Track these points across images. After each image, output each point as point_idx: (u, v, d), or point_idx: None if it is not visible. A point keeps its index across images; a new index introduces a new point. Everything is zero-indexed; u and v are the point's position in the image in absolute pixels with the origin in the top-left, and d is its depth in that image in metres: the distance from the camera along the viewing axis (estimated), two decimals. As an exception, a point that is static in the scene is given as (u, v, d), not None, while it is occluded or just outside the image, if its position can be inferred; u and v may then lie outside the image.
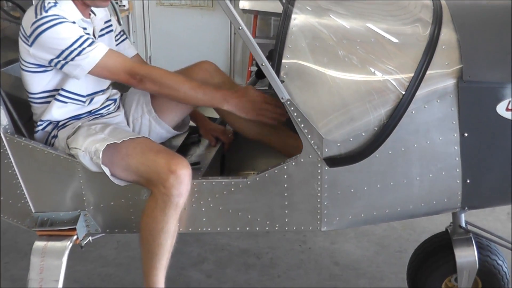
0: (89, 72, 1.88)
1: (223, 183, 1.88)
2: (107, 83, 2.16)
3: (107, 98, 2.17)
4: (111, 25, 2.26)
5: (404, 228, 3.23)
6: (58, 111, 2.01)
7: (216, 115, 2.48)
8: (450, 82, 1.76)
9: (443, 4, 1.93)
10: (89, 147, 1.84)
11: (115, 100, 2.22)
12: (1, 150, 1.94)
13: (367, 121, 1.77)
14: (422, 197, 1.89)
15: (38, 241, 2.00)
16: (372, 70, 1.79)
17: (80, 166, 1.91)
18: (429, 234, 2.44)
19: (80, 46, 1.84)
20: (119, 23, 3.00)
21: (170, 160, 1.81)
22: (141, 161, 1.85)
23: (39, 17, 1.83)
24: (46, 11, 1.84)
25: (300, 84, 1.82)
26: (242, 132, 2.32)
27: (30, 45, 1.86)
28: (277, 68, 1.82)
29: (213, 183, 1.89)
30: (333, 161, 1.81)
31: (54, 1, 1.88)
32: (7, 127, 1.95)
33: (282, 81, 1.81)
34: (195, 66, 2.30)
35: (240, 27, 1.68)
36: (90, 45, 1.86)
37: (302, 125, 1.78)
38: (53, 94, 2.00)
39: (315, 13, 1.91)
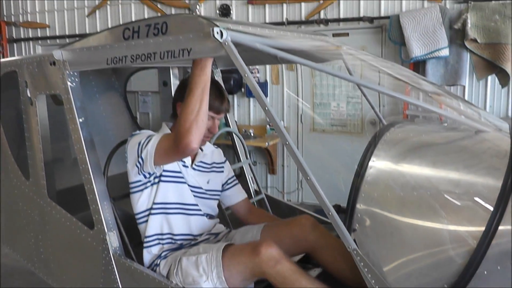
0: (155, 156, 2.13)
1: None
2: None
3: (209, 232, 2.43)
4: (221, 167, 2.61)
5: None
6: (156, 222, 2.32)
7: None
8: (527, 242, 1.63)
9: None
10: (207, 271, 2.10)
11: (217, 234, 2.46)
12: (109, 267, 2.26)
13: (437, 277, 1.70)
14: None
15: None
16: (442, 223, 1.74)
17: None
18: None
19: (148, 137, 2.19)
20: (246, 157, 3.35)
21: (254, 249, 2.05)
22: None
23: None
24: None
25: (371, 234, 1.84)
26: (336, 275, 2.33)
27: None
28: (350, 215, 1.88)
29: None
30: (403, 317, 1.74)
31: None
32: (117, 248, 2.28)
33: (354, 230, 1.86)
34: (294, 220, 2.48)
35: (267, 108, 1.79)
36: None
37: (369, 276, 1.76)
38: (151, 210, 2.33)
39: (392, 161, 1.96)
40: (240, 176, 3.43)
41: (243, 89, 6.77)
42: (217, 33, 1.83)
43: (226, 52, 1.86)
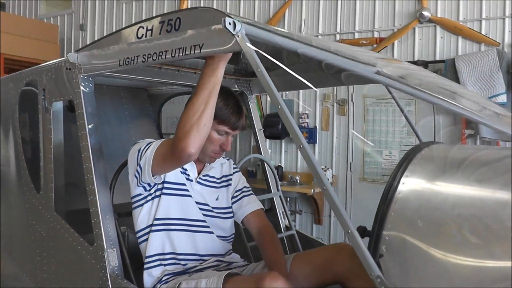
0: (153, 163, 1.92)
1: None
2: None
3: (220, 258, 2.14)
4: (229, 180, 2.32)
5: None
6: (157, 240, 2.06)
7: None
8: None
9: None
10: None
11: (230, 263, 2.17)
12: None
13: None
14: None
15: None
16: (489, 251, 1.39)
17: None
18: None
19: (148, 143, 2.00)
20: (278, 188, 3.06)
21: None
22: None
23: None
24: None
25: (400, 260, 1.51)
26: None
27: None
28: (376, 238, 1.56)
29: None
30: None
31: None
32: (115, 268, 2.04)
33: (381, 255, 1.53)
34: (332, 245, 2.26)
35: (302, 146, 1.50)
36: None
37: (395, 309, 1.42)
38: (151, 227, 2.08)
39: (429, 176, 1.64)
40: (270, 210, 3.14)
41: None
42: (229, 23, 1.63)
43: (240, 46, 1.64)
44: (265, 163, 3.07)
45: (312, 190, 5.78)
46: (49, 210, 2.47)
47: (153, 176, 1.96)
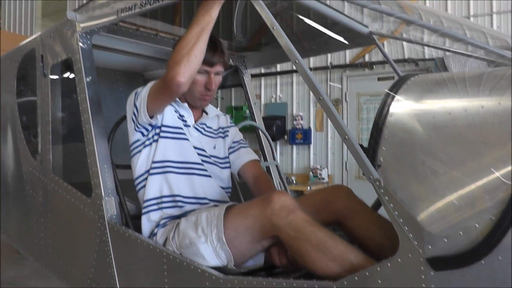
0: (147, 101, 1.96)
1: (305, 285, 1.56)
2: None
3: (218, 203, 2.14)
4: (226, 132, 2.35)
5: None
6: (155, 183, 2.05)
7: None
8: None
9: None
10: (206, 231, 1.80)
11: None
12: (104, 238, 2.00)
13: (482, 209, 1.34)
14: None
15: None
16: (487, 150, 1.40)
17: (166, 258, 1.83)
18: None
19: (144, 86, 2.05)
20: (274, 158, 3.07)
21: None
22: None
23: None
24: None
25: (399, 168, 1.52)
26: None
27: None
28: (373, 149, 1.58)
29: (294, 284, 1.58)
30: (440, 262, 1.36)
31: None
32: (113, 216, 2.02)
33: (379, 166, 1.55)
34: (329, 187, 2.23)
35: (321, 97, 1.54)
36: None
37: (396, 213, 1.42)
38: (150, 171, 2.07)
39: (423, 90, 1.67)
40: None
41: (286, 136, 6.58)
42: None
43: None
44: (260, 132, 3.09)
45: (308, 187, 5.79)
46: (46, 173, 2.47)
47: (149, 116, 1.98)
